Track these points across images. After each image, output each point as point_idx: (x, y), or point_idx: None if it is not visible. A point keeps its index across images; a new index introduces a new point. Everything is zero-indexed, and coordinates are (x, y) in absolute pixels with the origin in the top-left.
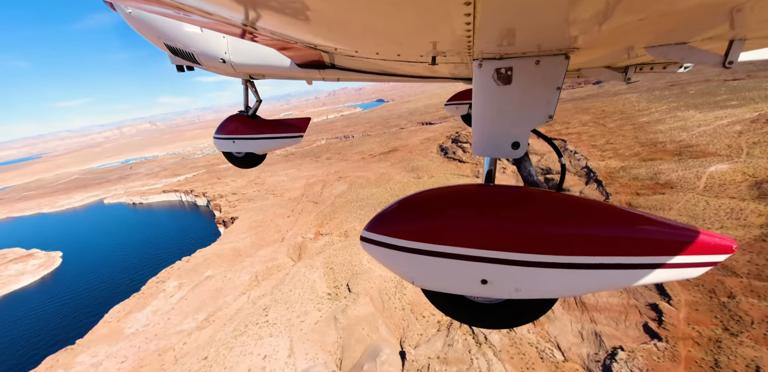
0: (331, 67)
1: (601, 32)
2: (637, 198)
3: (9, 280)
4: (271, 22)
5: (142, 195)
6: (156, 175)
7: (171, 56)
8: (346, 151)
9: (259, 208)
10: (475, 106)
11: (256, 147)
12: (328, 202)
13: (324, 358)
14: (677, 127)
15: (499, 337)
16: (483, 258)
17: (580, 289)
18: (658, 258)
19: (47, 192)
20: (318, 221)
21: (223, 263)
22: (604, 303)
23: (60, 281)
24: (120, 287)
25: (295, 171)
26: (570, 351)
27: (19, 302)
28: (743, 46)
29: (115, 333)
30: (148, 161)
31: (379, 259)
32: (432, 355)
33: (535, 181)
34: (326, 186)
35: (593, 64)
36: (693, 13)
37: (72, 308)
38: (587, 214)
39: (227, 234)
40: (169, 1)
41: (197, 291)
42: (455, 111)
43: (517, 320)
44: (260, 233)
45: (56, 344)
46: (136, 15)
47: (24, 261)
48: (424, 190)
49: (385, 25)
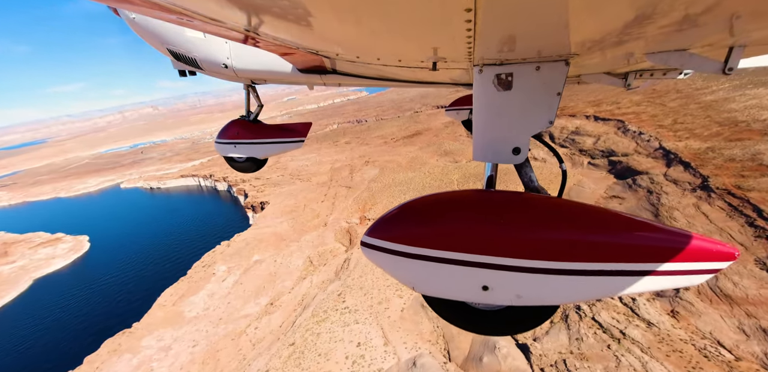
0: (332, 72)
1: (600, 39)
2: (746, 180)
3: (40, 264)
4: (273, 27)
5: (159, 180)
6: (169, 159)
7: (174, 61)
8: (365, 135)
9: (288, 193)
10: (476, 112)
11: (257, 152)
12: (362, 186)
13: (427, 348)
14: (753, 105)
15: (639, 332)
16: (484, 264)
17: (582, 295)
18: (660, 265)
19: (60, 176)
20: (358, 206)
21: (268, 248)
22: (755, 295)
23: (92, 265)
24: (160, 271)
25: (316, 155)
26: (739, 349)
27: (54, 286)
28: (743, 52)
29: (175, 317)
30: (157, 146)
31: (379, 264)
32: (561, 349)
33: (536, 187)
34: (354, 171)
35: (593, 70)
36: (693, 20)
37: (114, 291)
38: (589, 221)
39: (261, 219)
40: (173, 7)
41: (250, 275)
42: (456, 116)
43: (518, 327)
44: (297, 218)
45: (109, 328)
46: (139, 21)
47: (52, 245)
48: (425, 195)
49: (386, 32)
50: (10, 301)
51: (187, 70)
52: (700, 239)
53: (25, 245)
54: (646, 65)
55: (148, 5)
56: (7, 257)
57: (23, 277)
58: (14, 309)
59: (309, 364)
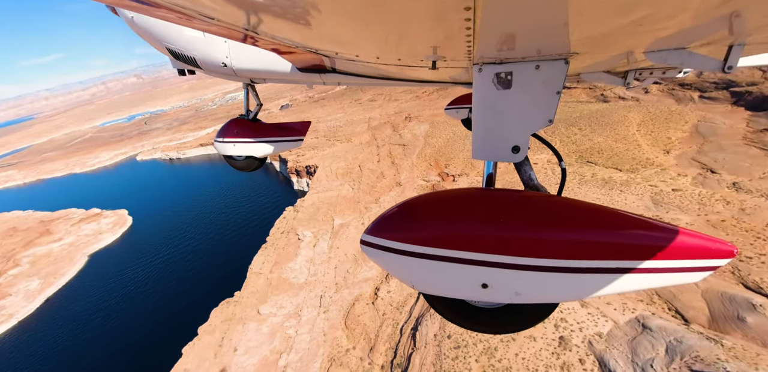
0: (332, 71)
1: (600, 37)
2: None
3: (89, 240)
4: (272, 26)
5: (178, 149)
6: (178, 129)
7: (172, 60)
8: (388, 91)
9: (333, 155)
10: (475, 110)
11: (256, 150)
12: (418, 143)
13: (643, 309)
14: None
15: None
16: (483, 262)
17: (581, 293)
18: (659, 262)
19: (67, 152)
20: (428, 163)
21: (345, 211)
22: None
23: (143, 238)
24: (222, 240)
25: (343, 115)
26: None
27: (113, 260)
28: (743, 51)
29: (282, 284)
30: (158, 116)
31: (379, 262)
32: None
33: (536, 185)
34: (398, 128)
35: (593, 69)
36: (692, 18)
37: (180, 263)
38: (587, 218)
39: (315, 182)
40: (172, 6)
41: (343, 239)
42: (455, 115)
43: (518, 325)
44: (358, 180)
45: (202, 298)
46: (138, 20)
47: (94, 220)
48: (425, 193)
49: (385, 30)
50: (72, 278)
51: (186, 69)
52: (699, 237)
53: (64, 222)
54: (645, 64)
55: (148, 4)
56: (52, 235)
57: (76, 254)
58: (80, 286)
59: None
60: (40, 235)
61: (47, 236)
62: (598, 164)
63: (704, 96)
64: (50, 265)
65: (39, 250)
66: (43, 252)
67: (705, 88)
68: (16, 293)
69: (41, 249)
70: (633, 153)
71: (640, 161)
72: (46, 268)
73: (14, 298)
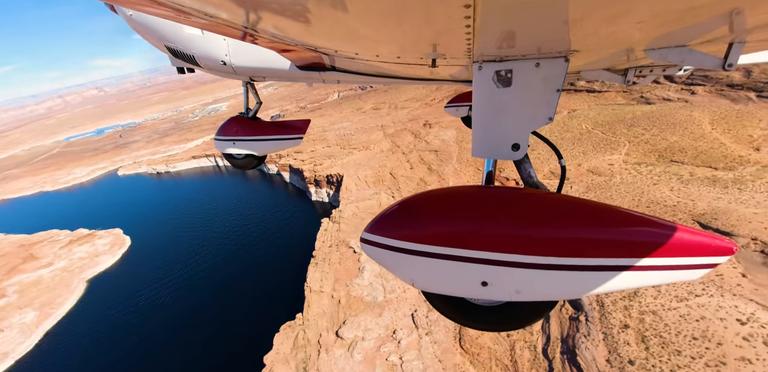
0: (331, 69)
1: (600, 35)
2: None
3: (84, 264)
4: (271, 24)
5: (166, 163)
6: (161, 141)
7: (171, 58)
8: (392, 99)
9: (356, 163)
10: (475, 108)
11: (255, 148)
12: (451, 149)
13: None
14: None
15: None
16: (483, 260)
17: (581, 291)
18: (659, 260)
19: (34, 169)
20: (475, 167)
21: None
22: None
23: (147, 259)
24: (249, 257)
25: (350, 124)
26: None
27: (116, 285)
28: (743, 48)
29: (355, 302)
30: (133, 129)
31: (379, 261)
32: None
33: (535, 183)
34: (419, 135)
35: (593, 66)
36: (692, 16)
37: (201, 284)
38: (587, 216)
39: (346, 192)
40: (170, 4)
41: None
42: (455, 113)
43: (517, 323)
44: (395, 187)
45: (252, 322)
46: (137, 17)
47: (87, 241)
48: (424, 191)
49: (385, 28)
50: (72, 307)
51: (185, 67)
52: (699, 234)
53: (50, 245)
54: (645, 61)
55: (147, 2)
56: (38, 260)
57: (72, 280)
58: (83, 316)
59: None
60: (24, 260)
61: (33, 261)
62: (686, 163)
63: (763, 95)
64: (43, 294)
65: (26, 278)
66: (32, 279)
67: (760, 88)
68: (9, 328)
69: (28, 276)
70: (720, 151)
71: (733, 159)
72: (40, 298)
73: (8, 334)
